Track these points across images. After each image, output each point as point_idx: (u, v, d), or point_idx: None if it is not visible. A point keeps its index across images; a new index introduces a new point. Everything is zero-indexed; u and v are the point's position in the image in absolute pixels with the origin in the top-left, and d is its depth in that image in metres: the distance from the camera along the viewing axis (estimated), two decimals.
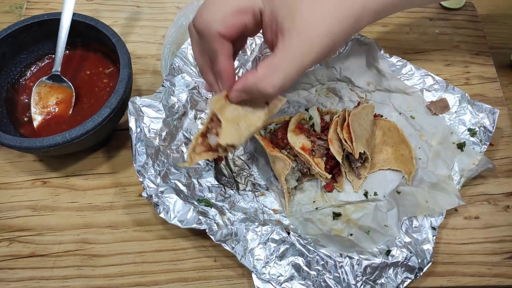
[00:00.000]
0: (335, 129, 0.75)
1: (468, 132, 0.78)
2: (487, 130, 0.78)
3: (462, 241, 0.73)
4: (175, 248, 0.72)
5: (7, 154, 0.80)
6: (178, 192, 0.68)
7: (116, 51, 0.76)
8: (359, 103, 0.84)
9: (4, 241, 0.72)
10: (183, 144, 0.75)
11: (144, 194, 0.67)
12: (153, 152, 0.71)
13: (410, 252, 0.66)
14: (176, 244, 0.72)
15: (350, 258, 0.65)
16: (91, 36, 0.81)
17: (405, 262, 0.65)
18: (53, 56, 0.84)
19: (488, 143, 0.78)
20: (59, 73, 0.79)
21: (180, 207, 0.67)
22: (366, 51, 0.85)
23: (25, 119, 0.79)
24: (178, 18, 0.87)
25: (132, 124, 0.71)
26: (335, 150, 0.73)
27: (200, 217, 0.66)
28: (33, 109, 0.78)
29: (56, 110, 0.78)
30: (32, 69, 0.84)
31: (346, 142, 0.73)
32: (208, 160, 0.75)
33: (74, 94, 0.79)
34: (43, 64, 0.85)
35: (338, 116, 0.77)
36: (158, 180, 0.69)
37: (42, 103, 0.79)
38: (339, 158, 0.73)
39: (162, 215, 0.66)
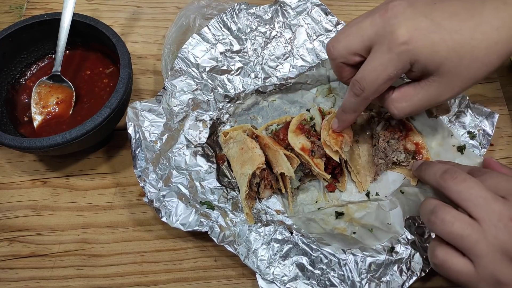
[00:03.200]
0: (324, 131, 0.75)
1: (468, 135, 0.78)
2: (486, 133, 0.78)
3: None
4: (175, 248, 0.72)
5: (7, 154, 0.80)
6: (180, 195, 0.69)
7: (116, 51, 0.76)
8: None
9: (4, 241, 0.72)
10: (185, 147, 0.75)
11: (145, 199, 0.67)
12: (154, 157, 0.71)
13: (414, 249, 0.66)
14: (176, 244, 0.72)
15: (354, 255, 0.65)
16: (91, 36, 0.81)
17: (409, 259, 0.65)
18: (53, 56, 0.84)
19: (488, 146, 0.78)
20: (59, 73, 0.79)
21: (182, 211, 0.67)
22: None
23: (25, 119, 0.79)
24: (178, 18, 0.87)
25: (130, 130, 0.71)
26: (331, 151, 0.73)
27: (202, 220, 0.66)
28: (33, 109, 0.78)
29: (56, 110, 0.78)
30: (32, 69, 0.84)
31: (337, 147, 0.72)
32: (210, 162, 0.75)
33: (74, 94, 0.79)
34: (43, 64, 0.85)
35: (327, 120, 0.76)
36: (160, 184, 0.69)
37: (42, 103, 0.79)
38: (336, 159, 0.72)
39: (164, 219, 0.66)
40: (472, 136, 0.78)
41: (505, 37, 0.56)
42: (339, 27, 0.85)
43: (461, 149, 0.77)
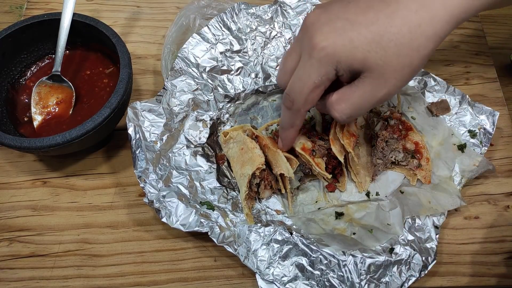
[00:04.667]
0: (335, 129, 0.75)
1: (468, 134, 0.79)
2: (487, 132, 0.78)
3: (462, 241, 0.73)
4: (175, 248, 0.72)
5: (7, 154, 0.80)
6: (180, 196, 0.69)
7: (116, 51, 0.76)
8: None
9: (4, 241, 0.72)
10: (185, 147, 0.75)
11: (145, 199, 0.67)
12: (154, 157, 0.71)
13: (414, 250, 0.66)
14: (176, 244, 0.72)
15: (354, 256, 0.65)
16: (91, 36, 0.81)
17: (409, 260, 0.65)
18: (53, 56, 0.84)
19: (488, 145, 0.78)
20: (59, 73, 0.79)
21: (182, 211, 0.67)
22: None
23: (25, 119, 0.79)
24: (178, 18, 0.87)
25: (131, 131, 0.71)
26: (336, 150, 0.73)
27: (202, 220, 0.66)
28: (33, 109, 0.78)
29: (56, 110, 0.78)
30: (32, 69, 0.84)
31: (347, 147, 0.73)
32: (210, 162, 0.75)
33: (74, 94, 0.79)
34: (43, 64, 0.85)
35: None
36: (160, 184, 0.69)
37: (42, 103, 0.79)
38: (341, 158, 0.73)
39: (164, 219, 0.66)
40: (472, 134, 0.78)
41: (427, 17, 0.54)
42: None
43: (461, 147, 0.77)
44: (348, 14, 0.56)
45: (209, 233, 0.65)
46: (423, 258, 0.66)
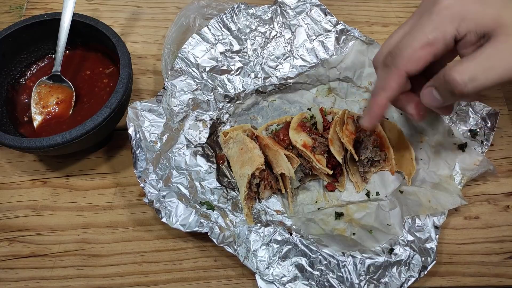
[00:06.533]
0: (335, 129, 0.75)
1: (469, 133, 0.78)
2: (487, 131, 0.78)
3: (462, 241, 0.73)
4: (175, 248, 0.72)
5: (7, 154, 0.80)
6: (180, 196, 0.69)
7: (116, 51, 0.76)
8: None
9: (4, 241, 0.72)
10: (185, 147, 0.75)
11: (145, 199, 0.67)
12: (154, 157, 0.71)
13: (413, 251, 0.66)
14: (176, 244, 0.72)
15: (353, 257, 0.65)
16: (91, 36, 0.81)
17: (408, 261, 0.65)
18: (53, 56, 0.84)
19: (489, 144, 0.78)
20: (59, 73, 0.79)
21: (182, 211, 0.67)
22: (367, 51, 0.85)
23: (25, 119, 0.79)
24: (178, 18, 0.87)
25: (131, 131, 0.71)
26: (335, 150, 0.73)
27: (202, 220, 0.66)
28: (33, 109, 0.78)
29: (56, 110, 0.78)
30: (32, 69, 0.84)
31: (347, 145, 0.73)
32: (210, 162, 0.75)
33: (74, 94, 0.79)
34: (43, 64, 0.85)
35: (338, 116, 0.77)
36: (160, 184, 0.69)
37: (42, 103, 0.79)
38: (339, 158, 0.73)
39: (164, 219, 0.66)
40: (473, 134, 0.78)
41: None
42: (339, 27, 0.85)
43: (462, 147, 0.77)
44: None
45: (209, 233, 0.65)
46: (423, 258, 0.66)
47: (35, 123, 0.77)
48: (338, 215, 0.73)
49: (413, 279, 0.64)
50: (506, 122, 0.85)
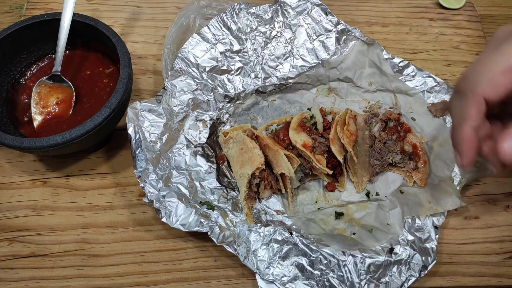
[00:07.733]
0: (336, 128, 0.75)
1: None
2: None
3: (462, 241, 0.73)
4: (175, 248, 0.72)
5: (7, 154, 0.80)
6: (180, 196, 0.69)
7: (116, 51, 0.76)
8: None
9: (4, 241, 0.72)
10: (185, 147, 0.75)
11: (145, 199, 0.67)
12: (154, 157, 0.71)
13: (414, 250, 0.66)
14: (176, 244, 0.72)
15: (354, 256, 0.65)
16: (91, 36, 0.81)
17: (408, 260, 0.65)
18: (53, 56, 0.84)
19: None
20: (59, 73, 0.79)
21: (182, 211, 0.67)
22: (368, 52, 0.85)
23: (25, 119, 0.79)
24: (178, 18, 0.87)
25: (130, 131, 0.71)
26: (336, 150, 0.73)
27: (202, 220, 0.66)
28: (33, 109, 0.78)
29: (56, 110, 0.78)
30: (32, 69, 0.84)
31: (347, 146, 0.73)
32: (210, 162, 0.75)
33: (74, 94, 0.79)
34: (43, 64, 0.85)
35: (339, 116, 0.77)
36: (160, 184, 0.69)
37: (42, 103, 0.79)
38: (340, 158, 0.73)
39: (164, 219, 0.66)
40: None
41: None
42: (339, 27, 0.85)
43: None
44: None
45: (209, 233, 0.65)
46: (423, 258, 0.66)
47: (35, 123, 0.77)
48: (338, 215, 0.73)
49: (413, 279, 0.64)
50: None
